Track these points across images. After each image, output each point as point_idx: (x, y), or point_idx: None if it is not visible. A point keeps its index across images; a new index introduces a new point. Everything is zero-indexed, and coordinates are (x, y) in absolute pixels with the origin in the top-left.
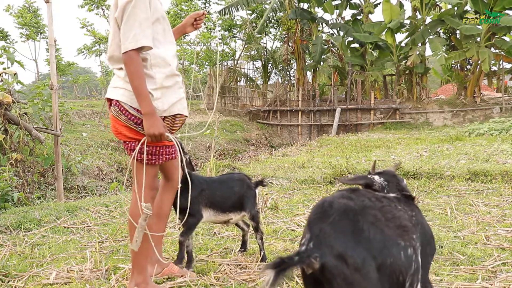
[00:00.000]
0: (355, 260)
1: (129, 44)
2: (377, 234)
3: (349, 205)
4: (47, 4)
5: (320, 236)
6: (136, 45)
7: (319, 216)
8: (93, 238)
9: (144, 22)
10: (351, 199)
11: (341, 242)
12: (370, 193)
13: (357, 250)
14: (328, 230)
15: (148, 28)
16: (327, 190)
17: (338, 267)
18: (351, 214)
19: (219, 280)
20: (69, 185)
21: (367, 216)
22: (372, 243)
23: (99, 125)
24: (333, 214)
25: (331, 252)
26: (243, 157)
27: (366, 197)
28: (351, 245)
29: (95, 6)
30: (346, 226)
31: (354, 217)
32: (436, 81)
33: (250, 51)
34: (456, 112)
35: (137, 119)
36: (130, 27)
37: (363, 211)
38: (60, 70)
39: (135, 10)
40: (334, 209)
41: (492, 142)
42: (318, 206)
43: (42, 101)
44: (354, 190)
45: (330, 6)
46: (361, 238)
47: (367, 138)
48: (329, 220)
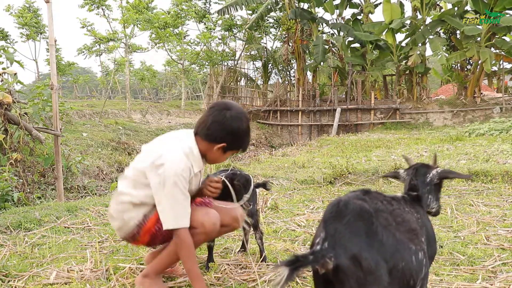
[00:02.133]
0: (369, 262)
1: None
2: (390, 237)
3: (364, 207)
4: (47, 4)
5: (335, 236)
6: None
7: (334, 215)
8: (93, 238)
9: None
10: (366, 201)
11: (356, 244)
12: (381, 195)
13: (371, 253)
14: (343, 231)
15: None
16: (327, 190)
17: (352, 269)
18: (366, 215)
19: (219, 280)
20: (69, 185)
21: (380, 219)
22: (385, 246)
23: (99, 125)
24: (348, 214)
25: (345, 253)
26: (243, 157)
27: (379, 200)
28: (365, 247)
29: (95, 6)
30: (361, 228)
31: (369, 219)
32: (436, 81)
33: (250, 51)
34: (456, 112)
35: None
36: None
37: (376, 213)
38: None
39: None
40: (349, 210)
41: (492, 142)
42: (334, 205)
43: (42, 101)
44: (367, 191)
45: (330, 6)
46: (375, 241)
47: (367, 138)
48: (344, 221)
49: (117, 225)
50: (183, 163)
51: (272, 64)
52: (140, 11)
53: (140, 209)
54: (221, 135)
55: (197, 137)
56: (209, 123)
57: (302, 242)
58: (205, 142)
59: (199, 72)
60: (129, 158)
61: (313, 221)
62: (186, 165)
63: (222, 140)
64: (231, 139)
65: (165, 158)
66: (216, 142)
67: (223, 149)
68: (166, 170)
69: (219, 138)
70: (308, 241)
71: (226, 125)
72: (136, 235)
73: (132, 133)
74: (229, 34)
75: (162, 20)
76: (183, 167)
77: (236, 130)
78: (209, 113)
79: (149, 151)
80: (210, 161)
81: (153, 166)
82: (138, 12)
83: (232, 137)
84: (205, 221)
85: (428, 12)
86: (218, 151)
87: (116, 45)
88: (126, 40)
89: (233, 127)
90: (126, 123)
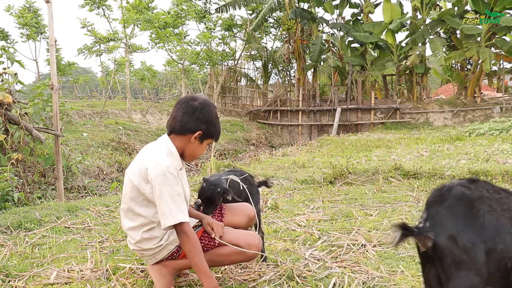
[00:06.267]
0: (465, 242)
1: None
2: (492, 221)
3: (466, 193)
4: (47, 4)
5: (435, 217)
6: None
7: (437, 199)
8: (93, 238)
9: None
10: (469, 189)
11: (454, 225)
12: (489, 185)
13: (468, 234)
14: (444, 213)
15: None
16: (328, 190)
17: (449, 247)
18: (466, 201)
19: (219, 280)
20: (69, 185)
21: (483, 205)
22: (485, 229)
23: (100, 125)
24: (450, 199)
25: (444, 233)
26: (243, 157)
27: (485, 189)
28: (463, 229)
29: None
30: (461, 211)
31: (470, 204)
32: (437, 81)
33: (250, 51)
34: (456, 112)
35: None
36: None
37: (479, 200)
38: (61, 70)
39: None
40: (451, 195)
41: (493, 142)
42: (438, 190)
43: (42, 101)
44: (474, 180)
45: (330, 6)
46: (474, 223)
47: (367, 138)
48: (446, 204)
49: (150, 254)
50: (166, 161)
51: (272, 64)
52: (141, 11)
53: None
54: (196, 124)
55: (171, 136)
56: (180, 116)
57: (302, 242)
58: (181, 136)
59: (199, 72)
60: (130, 158)
61: (313, 221)
62: (170, 163)
63: (197, 128)
64: (205, 126)
65: (148, 163)
66: (191, 132)
67: (200, 138)
68: (152, 173)
69: (194, 127)
70: (308, 240)
71: (197, 113)
72: (175, 254)
73: (133, 133)
74: (229, 34)
75: (162, 20)
76: (168, 164)
77: (208, 116)
78: (178, 108)
79: (132, 167)
80: (189, 156)
81: (142, 178)
82: (139, 12)
83: (206, 124)
84: (252, 243)
85: (428, 12)
86: (196, 141)
87: (116, 45)
88: (126, 40)
89: (204, 114)
90: (126, 123)
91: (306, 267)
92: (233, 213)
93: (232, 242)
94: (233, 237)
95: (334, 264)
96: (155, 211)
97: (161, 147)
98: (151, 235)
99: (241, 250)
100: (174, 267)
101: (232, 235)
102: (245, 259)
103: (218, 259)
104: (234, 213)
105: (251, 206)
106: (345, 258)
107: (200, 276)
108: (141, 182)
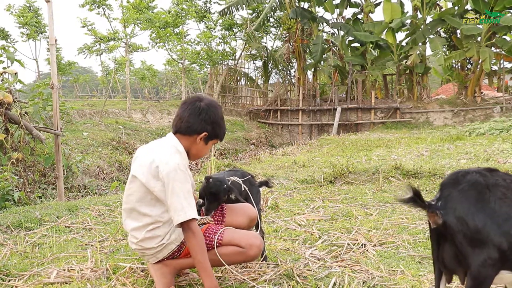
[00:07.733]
0: (475, 223)
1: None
2: (504, 207)
3: (479, 180)
4: (47, 4)
5: (447, 198)
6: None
7: (451, 182)
8: (93, 238)
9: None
10: (485, 176)
11: (464, 207)
12: (508, 176)
13: (478, 216)
14: (456, 195)
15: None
16: (328, 189)
17: (458, 226)
18: (480, 187)
19: (219, 279)
20: (69, 184)
21: (496, 192)
22: (497, 213)
23: (100, 124)
24: (464, 183)
25: (453, 213)
26: (243, 157)
27: (501, 178)
28: (473, 211)
29: (96, 5)
30: (473, 196)
31: (482, 190)
32: (437, 80)
33: (251, 50)
34: (456, 111)
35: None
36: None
37: (493, 187)
38: (61, 70)
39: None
40: (466, 180)
41: (493, 142)
42: (453, 174)
43: (42, 101)
44: (492, 169)
45: (331, 5)
46: (485, 207)
47: (367, 137)
48: (459, 188)
49: (151, 253)
50: (176, 159)
51: (273, 64)
52: (141, 11)
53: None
54: (201, 125)
55: (177, 135)
56: (186, 117)
57: (302, 242)
58: (187, 137)
59: (199, 72)
60: (130, 158)
61: (314, 221)
62: (180, 160)
63: (203, 130)
64: (211, 127)
65: (158, 160)
66: (197, 133)
67: (205, 139)
68: (163, 170)
69: (200, 128)
70: (308, 240)
71: (203, 114)
72: (176, 253)
73: (133, 133)
74: (229, 33)
75: (163, 20)
76: (178, 161)
77: (214, 117)
78: (184, 108)
79: (139, 166)
80: (194, 156)
81: (151, 176)
82: (139, 12)
83: (212, 125)
84: (253, 244)
85: (429, 11)
86: (201, 142)
87: (116, 45)
88: (126, 40)
89: (210, 115)
90: (126, 122)
91: (306, 267)
92: (234, 214)
93: (233, 243)
94: (234, 237)
95: (334, 264)
96: (162, 210)
97: (169, 146)
98: (154, 234)
99: (242, 250)
100: (175, 267)
101: (233, 235)
102: (246, 259)
103: (218, 259)
104: (235, 213)
105: (252, 206)
106: (345, 257)
107: (201, 274)
108: (150, 180)
